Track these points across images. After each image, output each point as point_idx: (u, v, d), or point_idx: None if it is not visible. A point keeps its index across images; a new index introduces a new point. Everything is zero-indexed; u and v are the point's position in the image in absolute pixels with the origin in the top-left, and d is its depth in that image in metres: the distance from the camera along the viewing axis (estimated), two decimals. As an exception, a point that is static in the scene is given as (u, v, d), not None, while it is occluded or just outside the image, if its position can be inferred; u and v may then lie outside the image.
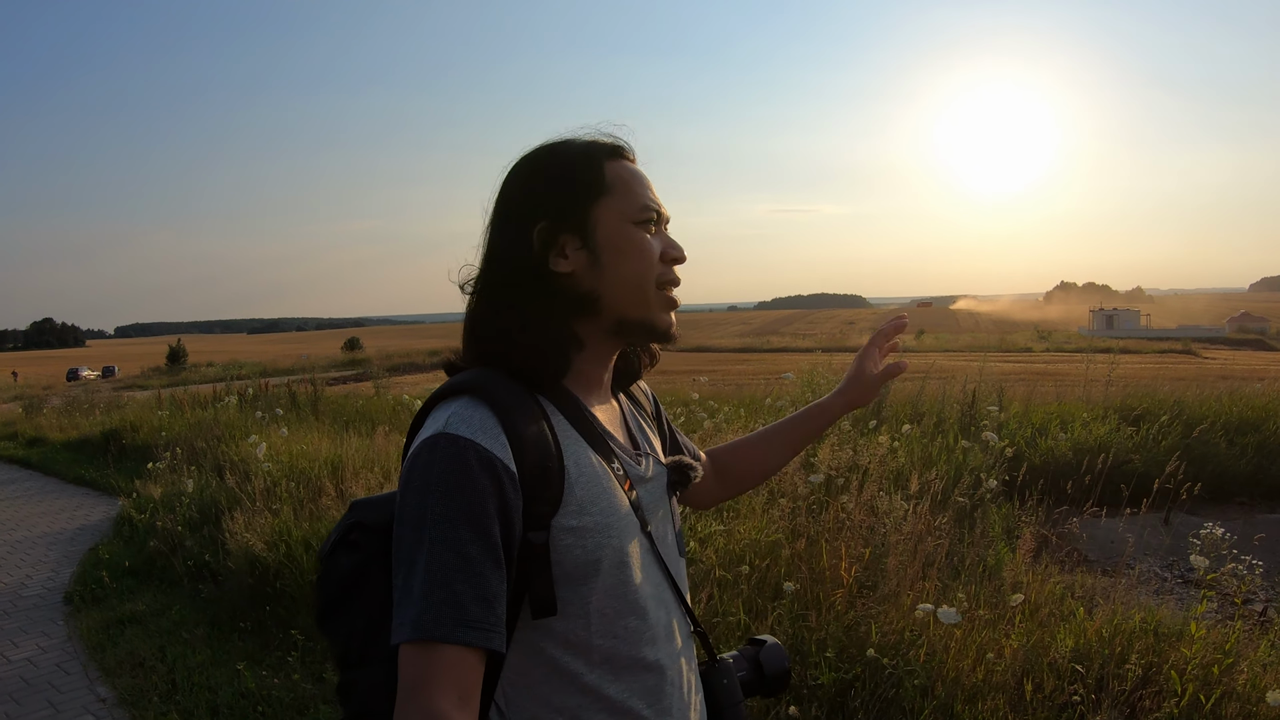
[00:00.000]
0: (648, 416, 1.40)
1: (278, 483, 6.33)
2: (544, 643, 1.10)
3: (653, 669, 1.15)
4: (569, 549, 1.08)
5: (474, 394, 1.08)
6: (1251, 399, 8.74)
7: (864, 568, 3.80)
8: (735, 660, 1.38)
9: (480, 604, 0.97)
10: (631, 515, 1.17)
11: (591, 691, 1.11)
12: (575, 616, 1.10)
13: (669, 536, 1.27)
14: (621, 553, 1.13)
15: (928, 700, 3.10)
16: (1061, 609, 3.74)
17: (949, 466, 5.36)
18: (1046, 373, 15.63)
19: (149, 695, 4.37)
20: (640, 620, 1.15)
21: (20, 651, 5.25)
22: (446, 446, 1.02)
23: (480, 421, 1.05)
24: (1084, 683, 3.11)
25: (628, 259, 1.16)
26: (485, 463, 1.01)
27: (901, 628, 3.41)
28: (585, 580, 1.09)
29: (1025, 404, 9.03)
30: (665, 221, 1.23)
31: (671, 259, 1.21)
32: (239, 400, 12.22)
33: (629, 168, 1.21)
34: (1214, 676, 3.00)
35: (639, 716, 1.13)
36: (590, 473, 1.13)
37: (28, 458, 14.30)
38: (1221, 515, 5.87)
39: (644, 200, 1.18)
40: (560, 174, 1.17)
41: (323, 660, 4.45)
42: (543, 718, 1.10)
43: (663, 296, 1.20)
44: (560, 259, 1.15)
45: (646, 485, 1.23)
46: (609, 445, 1.19)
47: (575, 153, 1.18)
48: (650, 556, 1.19)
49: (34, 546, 8.02)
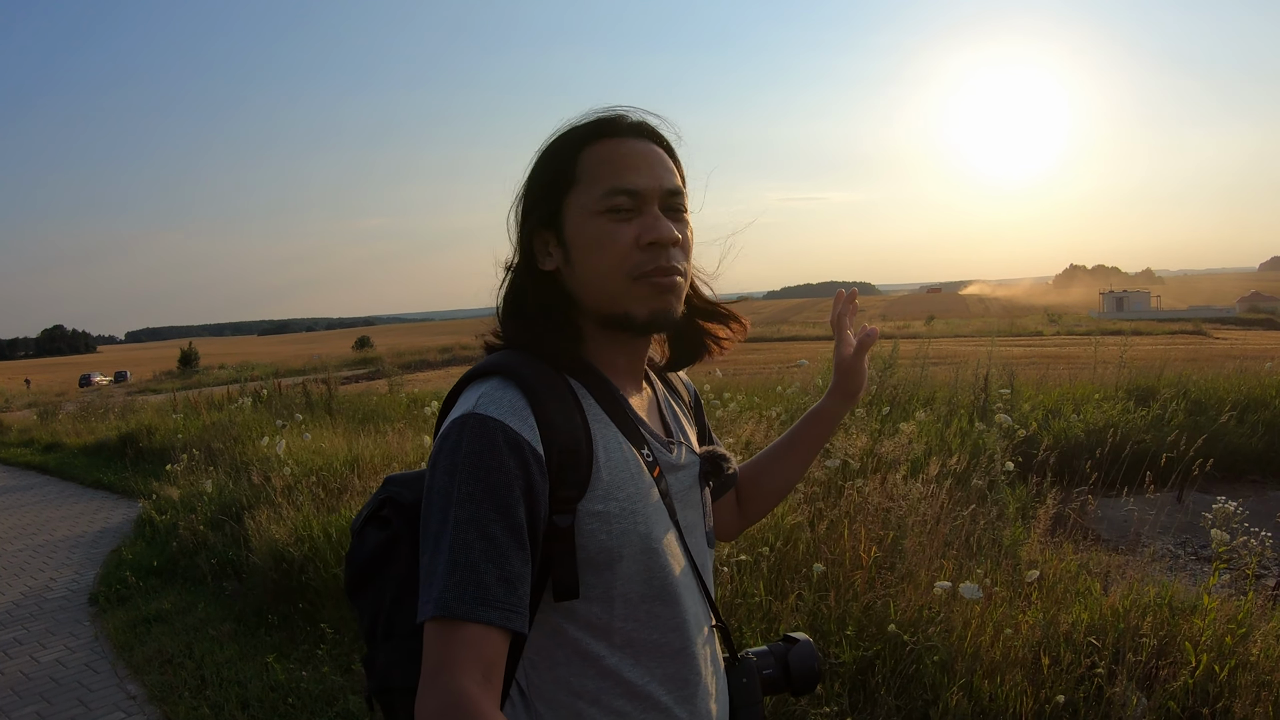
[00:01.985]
0: (685, 406, 1.38)
1: (299, 480, 6.40)
2: (566, 624, 1.09)
3: (674, 656, 1.14)
4: (594, 534, 1.07)
5: (505, 375, 1.08)
6: (1262, 378, 8.74)
7: (883, 549, 3.84)
8: (762, 656, 1.34)
9: (503, 585, 0.97)
10: (660, 503, 1.15)
11: (611, 674, 1.10)
12: (598, 600, 1.09)
13: (698, 526, 1.25)
14: (647, 539, 1.11)
15: (948, 676, 3.15)
16: (1077, 585, 3.78)
17: (964, 450, 5.40)
18: (1058, 356, 15.62)
19: (179, 691, 4.43)
20: (664, 607, 1.13)
21: (49, 653, 5.32)
22: (475, 427, 1.02)
23: (510, 403, 1.05)
24: (1100, 655, 3.15)
25: (590, 253, 1.11)
26: (513, 444, 1.01)
27: (919, 606, 3.46)
28: (609, 565, 1.09)
29: (1037, 387, 9.05)
30: (658, 199, 1.13)
31: (648, 243, 1.11)
32: (253, 401, 12.29)
33: (607, 147, 1.14)
34: (1228, 647, 3.04)
35: (658, 702, 1.13)
36: (619, 458, 1.12)
37: (45, 463, 14.41)
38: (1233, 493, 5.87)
39: (609, 185, 1.11)
40: (540, 171, 1.16)
41: (350, 651, 4.52)
42: (562, 699, 1.10)
43: (641, 286, 1.11)
44: (545, 258, 1.15)
45: (677, 473, 1.21)
46: (640, 431, 1.18)
47: (554, 144, 1.16)
48: (677, 545, 1.17)
49: (56, 550, 8.12)
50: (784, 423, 6.53)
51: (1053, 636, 3.24)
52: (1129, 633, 3.23)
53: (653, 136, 1.18)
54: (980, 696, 3.05)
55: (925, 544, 3.88)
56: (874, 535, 3.87)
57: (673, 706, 1.14)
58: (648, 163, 1.14)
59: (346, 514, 5.36)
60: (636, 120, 1.17)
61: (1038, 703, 2.98)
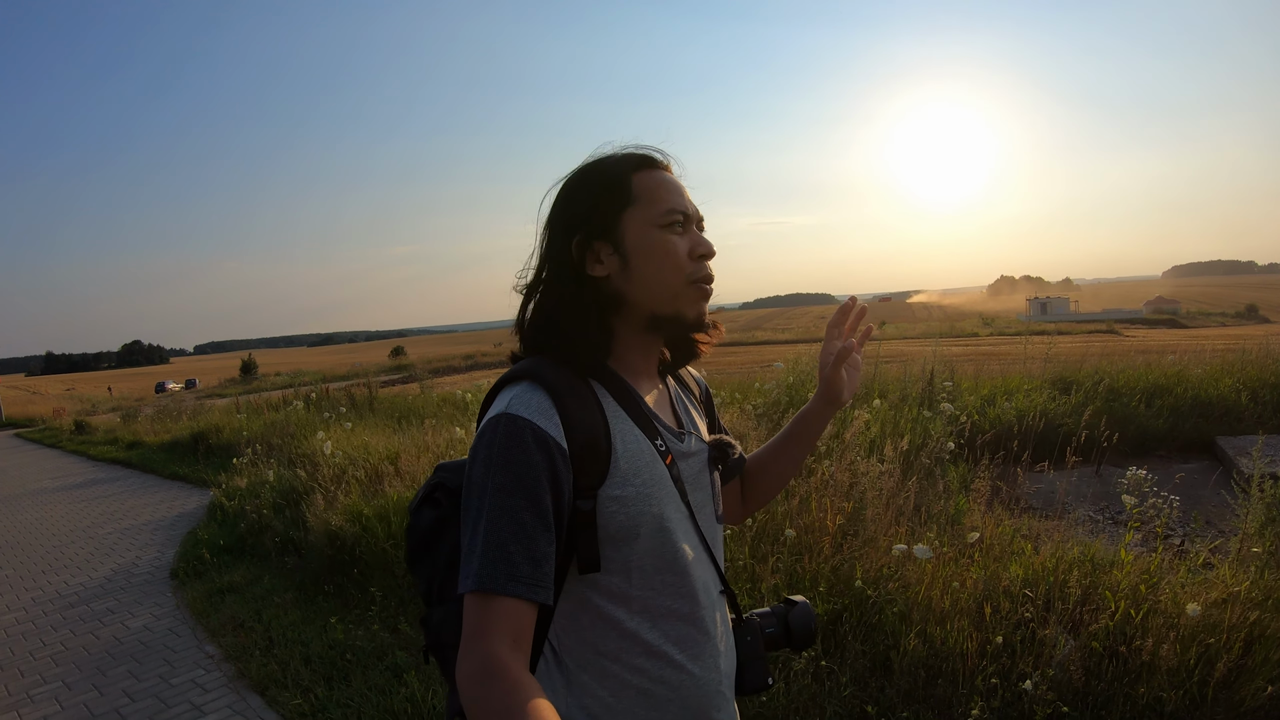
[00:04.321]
0: (695, 399, 1.38)
1: (345, 470, 6.41)
2: (590, 594, 1.11)
3: (685, 619, 1.15)
4: (613, 515, 1.09)
5: (533, 379, 1.09)
6: (1165, 368, 8.79)
7: (847, 519, 3.87)
8: (765, 617, 1.35)
9: (530, 563, 0.98)
10: (672, 486, 1.16)
11: (631, 636, 1.12)
12: (617, 572, 1.11)
13: (707, 506, 1.25)
14: (661, 519, 1.13)
15: (906, 624, 3.19)
16: (1012, 547, 3.81)
17: (914, 434, 5.43)
18: (992, 354, 15.65)
19: (250, 650, 4.45)
20: (675, 577, 1.14)
21: (137, 620, 5.33)
22: (508, 425, 1.03)
23: (537, 404, 1.06)
24: (1034, 604, 3.18)
25: (654, 260, 1.13)
26: (540, 441, 1.03)
27: (880, 565, 3.49)
28: (627, 542, 1.10)
29: (975, 379, 9.08)
30: (696, 222, 1.19)
31: (699, 255, 1.16)
32: (305, 404, 12.29)
33: (657, 176, 1.17)
34: (1141, 594, 3.07)
35: (673, 659, 1.14)
36: (635, 448, 1.13)
37: (129, 459, 14.39)
38: (1143, 466, 5.92)
39: (668, 205, 1.15)
40: (592, 188, 1.16)
41: (396, 614, 4.53)
42: (589, 657, 1.12)
43: (693, 290, 1.16)
44: (596, 264, 1.15)
45: (688, 460, 1.21)
46: (653, 423, 1.18)
47: (606, 168, 1.17)
48: (688, 523, 1.18)
49: (140, 532, 8.12)
50: (759, 414, 6.55)
51: (994, 589, 3.27)
52: (1057, 585, 3.25)
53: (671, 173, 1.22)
54: (933, 640, 3.08)
55: (883, 514, 3.91)
56: (838, 507, 3.90)
57: (686, 663, 1.15)
58: (685, 193, 1.19)
59: (392, 497, 5.37)
60: (664, 158, 1.21)
61: (981, 644, 3.01)
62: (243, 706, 3.83)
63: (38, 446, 21.11)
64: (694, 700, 1.16)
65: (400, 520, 5.07)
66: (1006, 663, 2.96)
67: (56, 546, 7.90)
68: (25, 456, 18.57)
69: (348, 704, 3.64)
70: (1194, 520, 4.38)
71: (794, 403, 7.33)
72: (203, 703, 3.92)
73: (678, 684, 1.14)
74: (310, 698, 3.75)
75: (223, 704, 3.88)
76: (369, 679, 3.84)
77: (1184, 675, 2.80)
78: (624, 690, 1.12)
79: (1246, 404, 7.75)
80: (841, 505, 3.93)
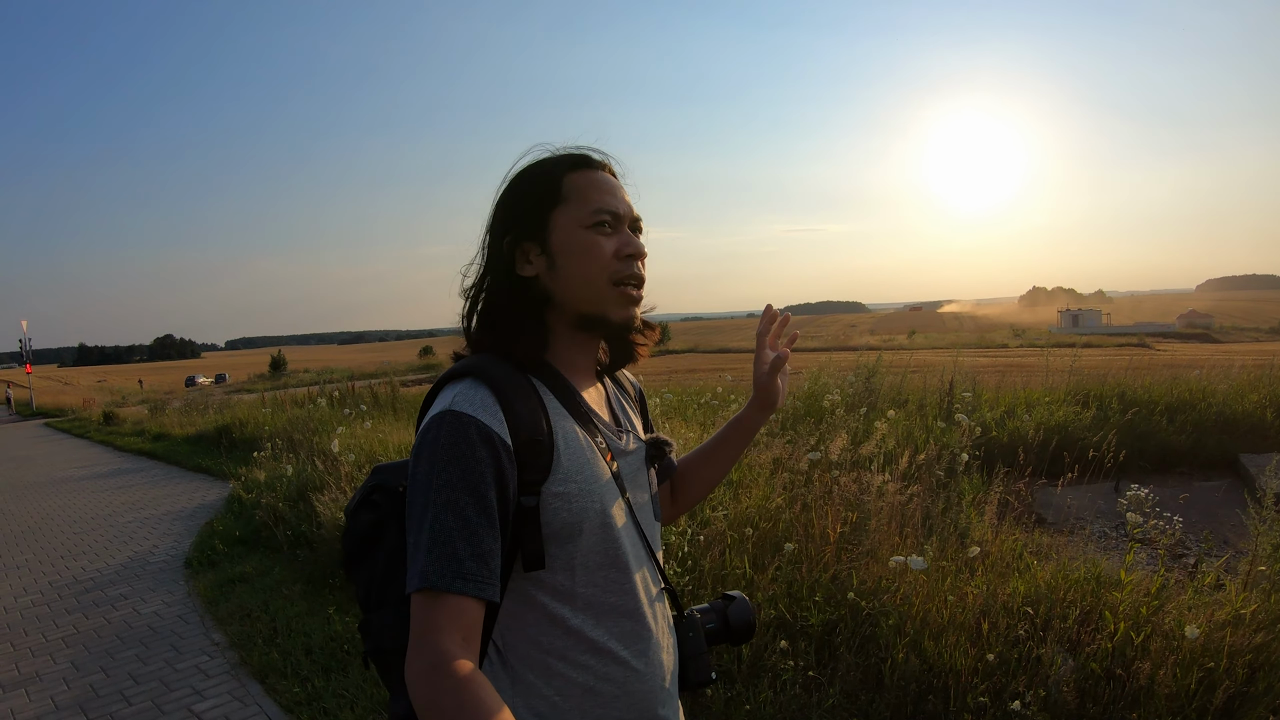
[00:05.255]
0: (630, 399, 1.38)
1: (361, 466, 6.47)
2: (534, 591, 1.10)
3: (629, 615, 1.15)
4: (556, 511, 1.08)
5: (476, 376, 1.09)
6: (1190, 384, 8.64)
7: (851, 529, 3.83)
8: (704, 613, 1.34)
9: (476, 560, 0.98)
10: (612, 483, 1.16)
11: (575, 633, 1.11)
12: (561, 569, 1.10)
13: (646, 504, 1.25)
14: (603, 515, 1.13)
15: (900, 637, 3.15)
16: (1017, 563, 3.76)
17: (929, 445, 5.38)
18: (1018, 365, 15.47)
19: (255, 639, 4.51)
20: (618, 573, 1.15)
21: (149, 606, 5.43)
22: (451, 422, 1.03)
23: (481, 400, 1.05)
24: (1033, 622, 3.13)
25: (578, 259, 1.14)
26: (484, 436, 1.02)
27: (878, 576, 3.46)
28: (570, 538, 1.10)
29: (996, 391, 8.99)
30: (629, 222, 1.19)
31: (626, 254, 1.16)
32: (329, 401, 12.41)
33: (589, 176, 1.17)
34: (1143, 616, 3.01)
35: (617, 656, 1.14)
36: (576, 445, 1.13)
37: (154, 450, 14.62)
38: (1163, 483, 5.84)
39: (595, 205, 1.15)
40: (523, 190, 1.17)
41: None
42: (534, 655, 1.11)
43: (618, 292, 1.16)
44: (525, 264, 1.16)
45: (626, 457, 1.22)
46: (593, 422, 1.18)
47: (540, 170, 1.18)
48: (629, 519, 1.18)
49: (160, 522, 8.26)
50: (770, 424, 6.52)
51: (993, 605, 3.22)
52: (1059, 603, 3.21)
53: (613, 173, 1.22)
54: (927, 655, 3.04)
55: (886, 525, 3.88)
56: (841, 517, 3.87)
57: (630, 659, 1.15)
58: (620, 193, 1.19)
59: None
60: (601, 158, 1.21)
61: (975, 661, 2.97)
62: (242, 693, 3.89)
63: (66, 436, 21.53)
64: (640, 697, 1.16)
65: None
66: (1000, 681, 2.91)
67: (77, 533, 8.04)
68: (54, 445, 18.95)
69: (343, 694, 3.67)
70: (1204, 540, 4.29)
71: (810, 412, 7.30)
72: (204, 688, 3.98)
73: (623, 680, 1.14)
74: (308, 687, 3.80)
75: (223, 690, 3.94)
76: (366, 671, 3.87)
77: (1183, 701, 2.73)
78: (570, 688, 1.11)
79: (1272, 421, 7.61)
80: (846, 515, 3.90)
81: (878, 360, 9.64)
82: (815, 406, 7.35)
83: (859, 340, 48.82)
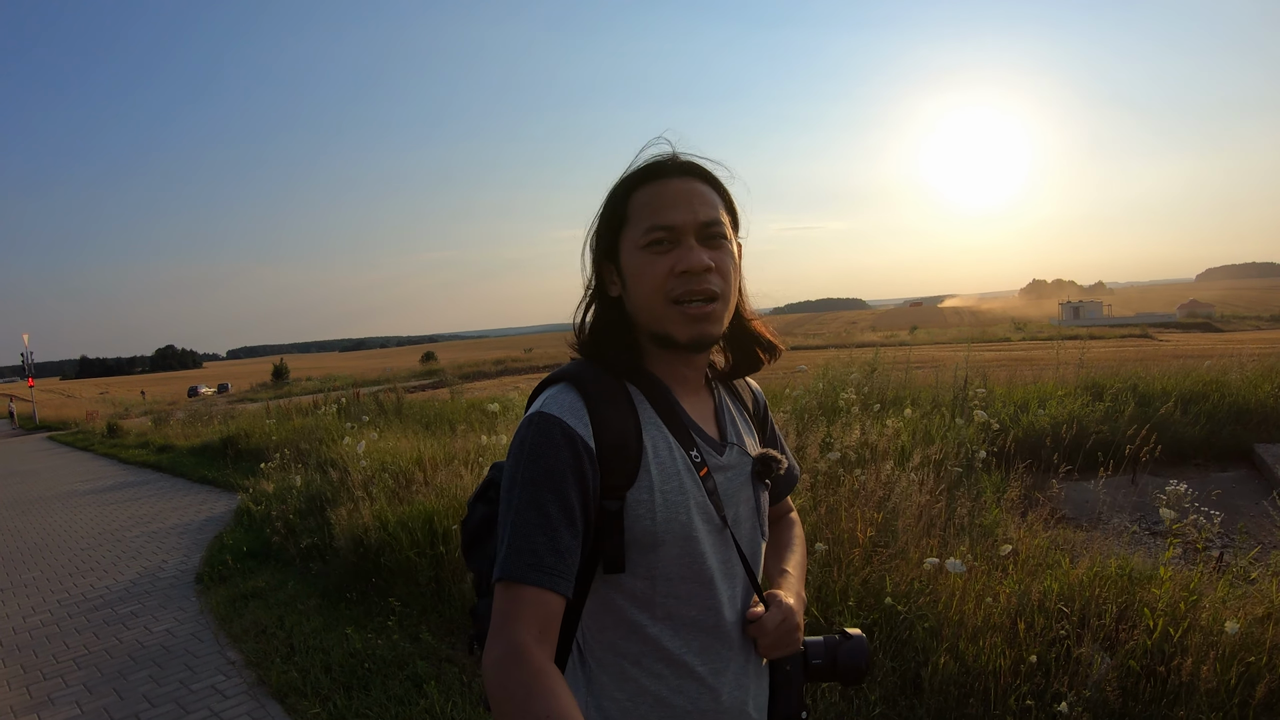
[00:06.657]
0: (746, 411, 1.34)
1: (373, 476, 6.40)
2: (615, 595, 1.12)
3: (709, 632, 1.14)
4: (639, 519, 1.09)
5: (569, 381, 1.13)
6: (1202, 375, 8.59)
7: (878, 530, 3.78)
8: (812, 646, 1.27)
9: (553, 554, 1.00)
10: (704, 498, 1.14)
11: (652, 641, 1.12)
12: (642, 577, 1.11)
13: (747, 520, 1.21)
14: (688, 529, 1.11)
15: (937, 640, 3.09)
16: (1048, 560, 3.70)
17: (946, 442, 5.32)
18: (1024, 359, 15.42)
19: (271, 657, 4.44)
20: (700, 588, 1.13)
21: (160, 624, 5.35)
22: (539, 423, 1.07)
23: (569, 404, 1.09)
24: (1069, 620, 3.08)
25: (635, 282, 1.14)
26: (568, 438, 1.05)
27: (911, 579, 3.40)
28: (652, 548, 1.10)
29: (1008, 386, 8.94)
30: (692, 231, 1.12)
31: (681, 271, 1.11)
32: (336, 409, 12.35)
33: (653, 190, 1.14)
34: (1180, 612, 2.96)
35: (693, 671, 1.13)
36: (666, 456, 1.13)
37: (159, 462, 14.56)
38: (1178, 475, 5.77)
39: (649, 223, 1.12)
40: (602, 212, 1.19)
41: (417, 623, 4.50)
42: (610, 659, 1.13)
43: (679, 311, 1.12)
44: (612, 285, 1.19)
45: (726, 473, 1.19)
46: (690, 433, 1.17)
47: (615, 190, 1.18)
48: (721, 536, 1.16)
49: (167, 536, 8.18)
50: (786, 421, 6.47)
51: (1027, 605, 3.17)
52: (1094, 600, 3.15)
53: (698, 174, 1.17)
54: (965, 658, 2.98)
55: (914, 525, 3.82)
56: (869, 518, 3.81)
57: (706, 677, 1.14)
58: (686, 200, 1.13)
59: (418, 504, 5.34)
60: (683, 161, 1.17)
61: (1014, 662, 2.92)
62: (261, 714, 3.81)
63: (70, 449, 21.48)
64: (712, 715, 1.15)
65: (424, 528, 5.05)
66: (1040, 682, 2.86)
67: (84, 549, 7.97)
68: (58, 459, 18.89)
69: (366, 713, 3.61)
70: (1238, 533, 4.23)
71: (824, 409, 7.24)
72: (222, 709, 3.90)
73: (696, 696, 1.14)
74: (329, 706, 3.72)
75: (242, 711, 3.87)
76: (388, 689, 3.81)
77: (1224, 697, 2.69)
78: (642, 695, 1.12)
79: (1286, 411, 7.55)
80: (872, 516, 3.84)
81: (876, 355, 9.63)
82: (828, 403, 7.29)
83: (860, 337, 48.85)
